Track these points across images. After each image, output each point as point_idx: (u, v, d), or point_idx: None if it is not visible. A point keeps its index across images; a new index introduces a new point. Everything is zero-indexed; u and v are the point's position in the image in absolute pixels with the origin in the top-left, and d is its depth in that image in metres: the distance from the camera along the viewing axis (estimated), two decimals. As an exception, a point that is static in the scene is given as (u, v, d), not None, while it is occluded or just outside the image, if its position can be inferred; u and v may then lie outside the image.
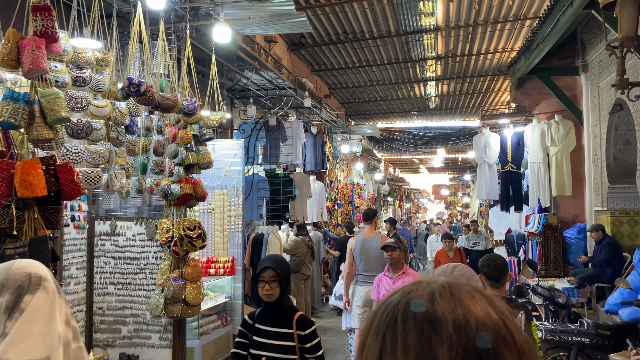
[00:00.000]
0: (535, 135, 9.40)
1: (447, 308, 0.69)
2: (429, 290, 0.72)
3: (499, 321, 0.70)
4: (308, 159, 9.62)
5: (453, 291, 0.72)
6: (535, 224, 9.63)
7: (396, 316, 0.71)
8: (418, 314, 0.69)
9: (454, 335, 0.67)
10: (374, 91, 15.37)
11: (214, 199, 6.54)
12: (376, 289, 4.78)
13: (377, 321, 0.73)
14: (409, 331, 0.69)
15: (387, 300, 0.75)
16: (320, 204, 9.70)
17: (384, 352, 0.70)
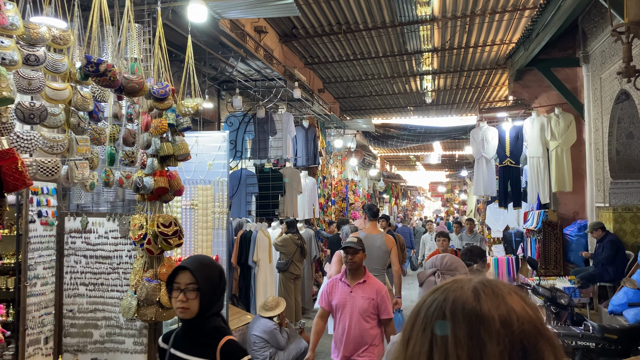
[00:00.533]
0: (534, 129, 9.09)
1: (492, 305, 0.76)
2: (472, 288, 0.79)
3: (534, 317, 0.77)
4: (299, 154, 9.28)
5: (494, 289, 0.79)
6: (535, 221, 9.32)
7: (444, 312, 0.77)
8: (467, 310, 0.76)
9: (501, 330, 0.74)
10: (369, 85, 15.03)
11: (197, 195, 6.19)
12: (327, 293, 3.86)
13: (422, 317, 0.80)
14: (458, 326, 0.75)
15: (429, 297, 0.81)
16: (312, 200, 9.36)
17: (434, 345, 0.76)
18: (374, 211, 5.56)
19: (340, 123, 11.96)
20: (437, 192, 31.40)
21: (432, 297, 0.80)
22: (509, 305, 0.76)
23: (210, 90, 7.78)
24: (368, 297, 3.69)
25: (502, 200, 9.50)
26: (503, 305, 0.75)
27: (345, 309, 3.75)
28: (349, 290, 3.78)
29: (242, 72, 7.44)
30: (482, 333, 0.73)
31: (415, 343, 0.78)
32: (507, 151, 9.37)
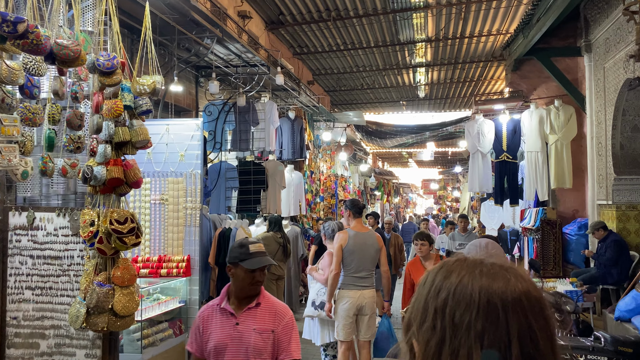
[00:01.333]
0: (532, 122, 8.61)
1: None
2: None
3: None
4: (285, 146, 8.74)
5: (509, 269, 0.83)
6: (532, 219, 8.85)
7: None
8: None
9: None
10: (360, 78, 14.50)
11: (168, 188, 5.64)
12: (199, 330, 2.58)
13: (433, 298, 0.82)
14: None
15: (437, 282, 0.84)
16: (298, 196, 8.83)
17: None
18: (359, 207, 5.03)
19: (329, 116, 11.43)
20: (430, 189, 30.97)
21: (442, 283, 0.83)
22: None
23: (187, 76, 7.23)
24: (263, 328, 2.47)
25: (498, 196, 9.02)
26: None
27: (227, 353, 2.46)
28: (235, 321, 2.48)
29: (221, 57, 6.88)
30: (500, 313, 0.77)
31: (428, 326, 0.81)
32: (504, 145, 8.88)
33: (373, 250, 4.93)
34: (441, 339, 0.79)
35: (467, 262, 0.85)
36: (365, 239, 4.89)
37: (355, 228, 4.94)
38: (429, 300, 0.83)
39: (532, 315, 0.78)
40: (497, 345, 0.75)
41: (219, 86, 7.53)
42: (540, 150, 8.56)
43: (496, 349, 0.75)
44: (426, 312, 0.82)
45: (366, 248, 4.87)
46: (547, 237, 8.29)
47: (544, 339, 0.78)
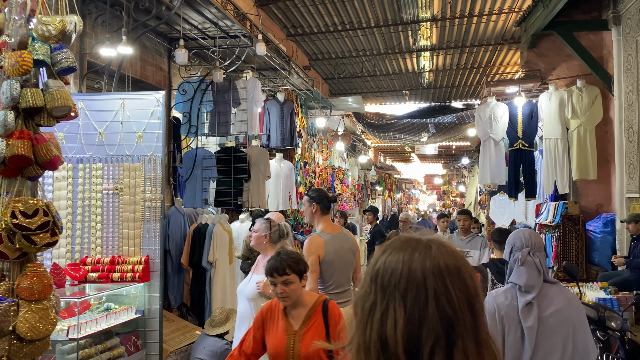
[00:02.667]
0: (552, 105, 7.64)
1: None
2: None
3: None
4: (272, 132, 7.78)
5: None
6: (551, 215, 7.89)
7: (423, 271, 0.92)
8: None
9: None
10: (360, 63, 13.51)
11: (123, 176, 4.70)
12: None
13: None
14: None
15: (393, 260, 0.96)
16: (288, 188, 7.88)
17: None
18: (328, 199, 3.90)
19: (325, 102, 10.46)
20: (433, 184, 29.99)
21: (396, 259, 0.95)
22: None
23: (157, 49, 6.28)
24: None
25: (512, 189, 8.06)
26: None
27: None
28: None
29: (195, 26, 5.93)
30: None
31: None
32: (519, 131, 7.91)
33: (352, 256, 3.87)
34: (373, 302, 0.93)
35: (400, 239, 0.99)
36: (342, 243, 3.82)
37: (327, 229, 3.82)
38: (368, 272, 0.98)
39: (449, 280, 0.91)
40: (417, 304, 0.89)
41: (195, 61, 6.58)
42: (560, 136, 7.59)
43: (416, 307, 0.89)
44: (365, 282, 0.97)
45: (345, 254, 3.81)
46: (569, 234, 7.33)
47: (460, 300, 0.90)
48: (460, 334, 0.88)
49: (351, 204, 13.96)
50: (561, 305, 2.25)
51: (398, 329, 0.87)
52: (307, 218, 3.96)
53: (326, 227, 3.85)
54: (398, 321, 0.88)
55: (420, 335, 0.87)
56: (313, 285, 3.63)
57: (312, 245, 3.71)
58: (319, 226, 3.85)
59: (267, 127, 7.82)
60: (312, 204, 3.83)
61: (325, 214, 3.88)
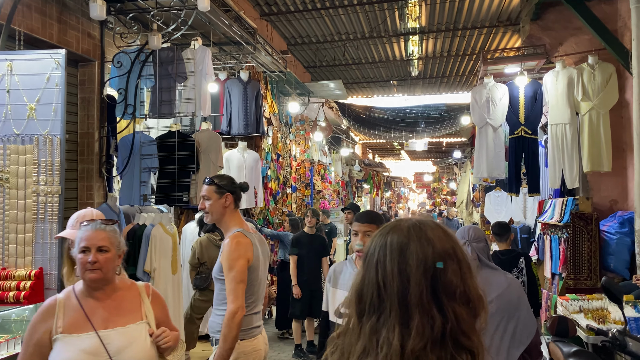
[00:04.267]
0: (559, 85, 6.58)
1: (417, 238, 1.14)
2: (406, 227, 1.17)
3: (448, 244, 1.14)
4: (234, 117, 6.63)
5: (422, 226, 1.16)
6: (558, 213, 6.82)
7: (386, 249, 1.14)
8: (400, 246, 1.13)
9: (421, 256, 1.10)
10: (343, 47, 12.38)
11: (9, 161, 3.54)
12: None
13: (373, 255, 1.16)
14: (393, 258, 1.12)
15: (378, 239, 1.19)
16: (254, 182, 6.74)
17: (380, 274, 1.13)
18: (242, 187, 2.99)
19: (302, 87, 9.34)
20: (423, 182, 28.99)
21: (380, 239, 1.17)
22: (429, 237, 1.12)
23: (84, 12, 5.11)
24: None
25: (513, 183, 6.99)
26: (424, 239, 1.12)
27: None
28: None
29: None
30: (408, 260, 1.09)
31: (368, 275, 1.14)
32: (521, 116, 6.84)
33: (267, 265, 3.07)
34: (365, 274, 1.14)
35: (391, 223, 1.20)
36: (263, 247, 2.96)
37: (246, 228, 2.90)
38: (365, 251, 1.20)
39: (389, 252, 1.13)
40: (368, 270, 1.14)
41: (133, 26, 5.42)
42: (568, 122, 6.53)
43: (367, 272, 1.14)
44: (364, 261, 1.18)
45: (265, 263, 2.98)
46: (580, 235, 6.27)
47: (394, 271, 1.10)
48: (386, 298, 1.09)
49: (334, 202, 12.85)
50: (502, 289, 2.48)
51: (355, 284, 1.14)
52: (214, 215, 2.87)
53: (242, 224, 2.89)
54: (357, 279, 1.15)
55: (363, 293, 1.12)
56: (241, 301, 2.66)
57: (241, 245, 2.74)
58: (233, 223, 2.85)
59: (228, 111, 6.68)
60: (224, 194, 2.86)
61: (237, 207, 2.92)
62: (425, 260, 1.07)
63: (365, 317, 1.09)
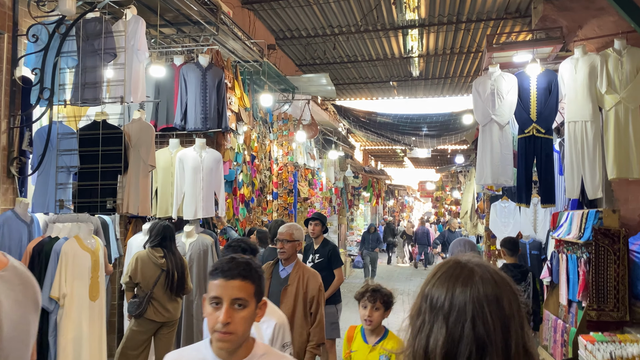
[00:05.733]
0: (579, 75, 5.49)
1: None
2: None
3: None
4: (190, 109, 5.59)
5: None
6: (576, 228, 5.70)
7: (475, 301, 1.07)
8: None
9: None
10: (336, 44, 11.37)
11: None
12: None
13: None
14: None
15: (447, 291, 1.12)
16: (213, 187, 5.68)
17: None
18: None
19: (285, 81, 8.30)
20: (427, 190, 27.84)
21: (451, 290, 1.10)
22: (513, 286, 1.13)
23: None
24: None
25: (523, 191, 5.88)
26: (511, 288, 1.12)
27: None
28: None
29: None
30: (506, 312, 1.06)
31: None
32: (533, 112, 5.75)
33: None
34: (423, 320, 1.09)
35: (448, 264, 1.14)
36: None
37: None
38: (421, 291, 1.14)
39: (487, 302, 1.04)
40: (457, 325, 1.04)
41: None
42: (590, 119, 5.44)
43: (456, 328, 1.04)
44: (418, 299, 1.14)
45: None
46: (604, 256, 5.15)
47: (495, 321, 1.03)
48: (491, 354, 1.01)
49: (325, 210, 11.75)
50: None
51: (439, 345, 1.03)
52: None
53: None
54: (439, 339, 1.04)
55: (455, 353, 1.02)
56: None
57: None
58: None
59: (183, 102, 5.64)
60: None
61: None
62: (518, 308, 1.08)
63: None
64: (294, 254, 3.89)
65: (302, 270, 3.81)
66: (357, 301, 3.25)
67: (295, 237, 3.87)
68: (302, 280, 3.72)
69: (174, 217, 5.55)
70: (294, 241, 3.86)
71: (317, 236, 5.41)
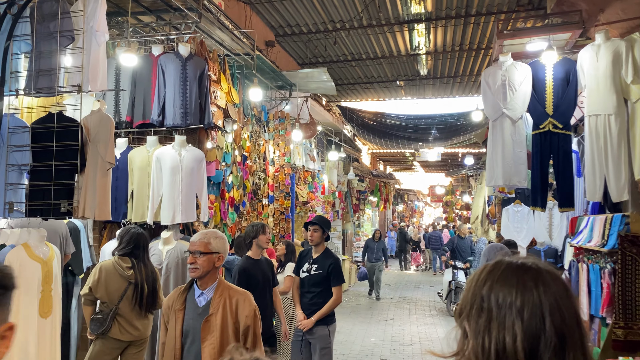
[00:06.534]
0: (601, 64, 4.90)
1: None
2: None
3: None
4: (169, 103, 5.08)
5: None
6: (598, 234, 5.09)
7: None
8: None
9: None
10: (339, 41, 10.84)
11: None
12: None
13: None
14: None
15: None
16: (195, 189, 5.16)
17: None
18: None
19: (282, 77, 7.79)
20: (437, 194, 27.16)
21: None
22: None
23: None
24: None
25: (538, 193, 5.28)
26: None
27: None
28: None
29: None
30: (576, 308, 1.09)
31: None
32: (549, 105, 5.17)
33: None
34: (488, 317, 1.07)
35: (504, 264, 1.13)
36: None
37: None
38: (476, 290, 1.11)
39: (559, 297, 1.06)
40: (534, 319, 1.03)
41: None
42: (614, 112, 4.85)
43: (533, 322, 1.03)
44: (475, 297, 1.10)
45: None
46: (632, 267, 4.54)
47: (570, 315, 1.05)
48: (572, 346, 1.03)
49: (327, 215, 11.19)
50: None
51: (518, 339, 1.02)
52: None
53: None
54: (517, 333, 1.02)
55: (538, 346, 1.02)
56: None
57: None
58: None
59: (161, 96, 5.14)
60: None
61: None
62: (579, 306, 1.09)
63: None
64: (212, 271, 2.84)
65: (227, 292, 2.82)
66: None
67: (212, 248, 2.82)
68: (229, 306, 2.78)
69: (149, 222, 5.03)
70: (211, 253, 2.81)
71: (317, 244, 4.75)
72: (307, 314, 4.56)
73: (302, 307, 4.65)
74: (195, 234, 2.95)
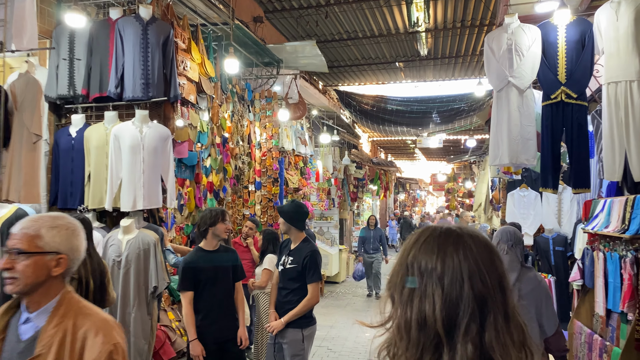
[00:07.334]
0: (621, 23, 4.27)
1: None
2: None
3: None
4: (127, 73, 4.48)
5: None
6: (617, 219, 4.49)
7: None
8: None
9: None
10: (333, 16, 10.18)
11: None
12: None
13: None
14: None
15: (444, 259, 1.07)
16: (160, 171, 4.57)
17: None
18: None
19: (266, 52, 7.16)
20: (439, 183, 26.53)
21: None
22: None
23: None
24: None
25: (549, 173, 4.67)
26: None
27: None
28: None
29: None
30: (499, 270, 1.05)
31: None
32: (561, 73, 4.53)
33: None
34: (411, 288, 1.04)
35: (429, 229, 1.10)
36: None
37: None
38: (402, 259, 1.08)
39: (481, 260, 1.02)
40: (454, 284, 1.00)
41: None
42: (637, 77, 4.23)
43: (453, 288, 1.00)
44: (401, 266, 1.08)
45: None
46: (657, 256, 3.93)
47: (492, 278, 1.02)
48: (492, 310, 1.00)
49: (322, 203, 10.59)
50: (534, 285, 3.04)
51: (437, 308, 0.99)
52: None
53: None
54: (436, 301, 1.00)
55: (457, 313, 0.99)
56: None
57: None
58: None
59: (119, 65, 4.52)
60: None
61: None
62: (505, 269, 1.08)
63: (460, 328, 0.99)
64: (47, 283, 1.71)
65: (71, 320, 1.69)
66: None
67: (44, 245, 1.69)
68: (70, 343, 1.65)
69: (107, 208, 4.45)
70: (42, 253, 1.68)
71: (285, 232, 4.10)
72: (279, 314, 3.93)
73: (275, 306, 4.03)
74: (19, 220, 1.77)
